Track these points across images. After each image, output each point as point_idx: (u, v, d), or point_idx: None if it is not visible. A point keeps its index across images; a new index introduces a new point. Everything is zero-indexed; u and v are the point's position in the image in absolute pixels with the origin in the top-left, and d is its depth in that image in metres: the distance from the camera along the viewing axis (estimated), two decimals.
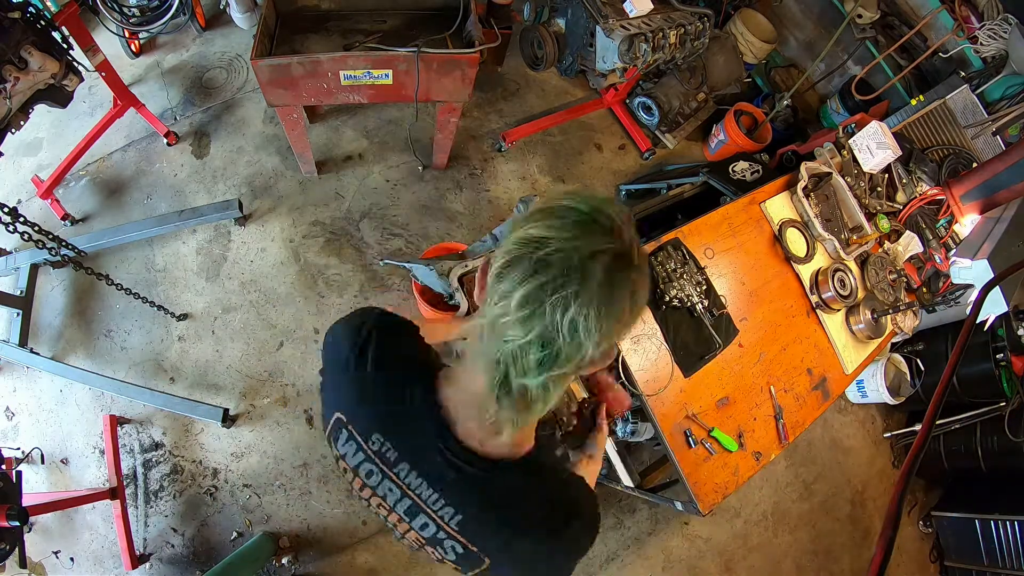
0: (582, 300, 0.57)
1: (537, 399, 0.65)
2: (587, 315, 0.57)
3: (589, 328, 0.58)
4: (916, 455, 0.72)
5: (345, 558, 2.33)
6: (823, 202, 2.12)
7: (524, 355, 0.60)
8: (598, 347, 0.60)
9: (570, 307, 0.57)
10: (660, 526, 2.61)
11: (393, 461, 0.77)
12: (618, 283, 0.59)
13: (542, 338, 0.59)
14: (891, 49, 2.96)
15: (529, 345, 0.59)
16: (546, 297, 0.57)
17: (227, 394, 2.48)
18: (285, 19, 2.29)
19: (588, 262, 0.57)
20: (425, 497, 0.77)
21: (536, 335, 0.58)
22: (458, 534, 0.78)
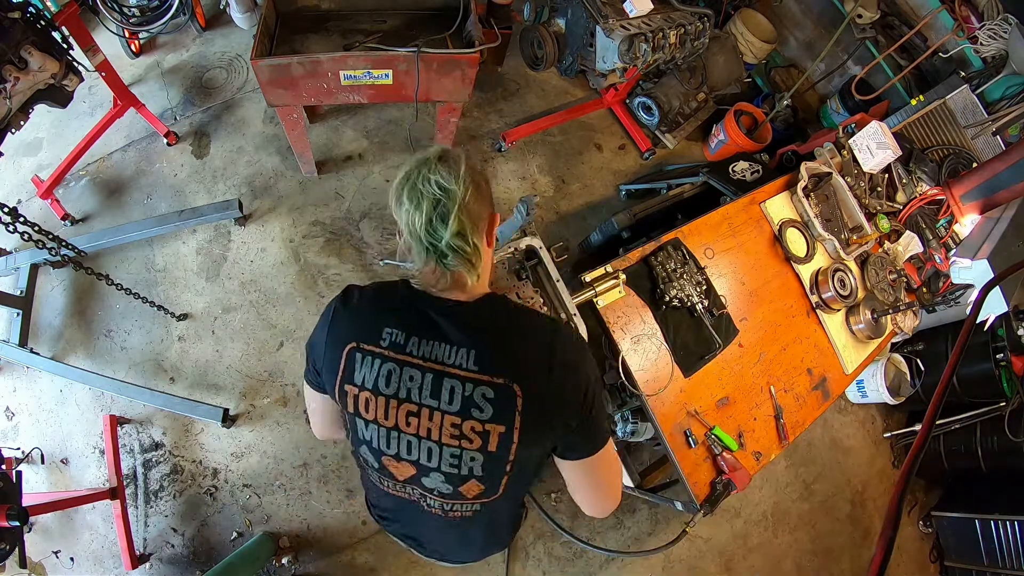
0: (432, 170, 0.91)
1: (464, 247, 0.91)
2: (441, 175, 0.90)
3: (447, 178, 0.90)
4: (916, 455, 0.72)
5: (345, 558, 2.33)
6: (823, 202, 2.12)
7: (430, 223, 0.90)
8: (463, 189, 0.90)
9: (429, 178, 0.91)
10: (660, 526, 2.61)
11: (403, 342, 0.93)
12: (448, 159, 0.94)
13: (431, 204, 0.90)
14: (891, 49, 2.96)
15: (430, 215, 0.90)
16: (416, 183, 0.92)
17: (227, 394, 2.48)
18: (285, 19, 2.29)
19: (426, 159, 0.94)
20: (440, 356, 0.92)
21: (427, 205, 0.90)
22: (480, 372, 0.92)
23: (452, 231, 0.89)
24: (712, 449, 1.67)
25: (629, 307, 1.74)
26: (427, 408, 0.93)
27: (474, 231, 0.92)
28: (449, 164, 0.92)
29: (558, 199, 3.13)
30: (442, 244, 0.90)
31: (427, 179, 0.90)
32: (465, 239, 0.90)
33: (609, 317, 1.70)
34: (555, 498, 2.53)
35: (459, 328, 0.93)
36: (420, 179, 0.91)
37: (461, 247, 0.90)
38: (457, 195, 0.89)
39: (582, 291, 1.63)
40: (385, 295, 1.01)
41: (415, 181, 0.91)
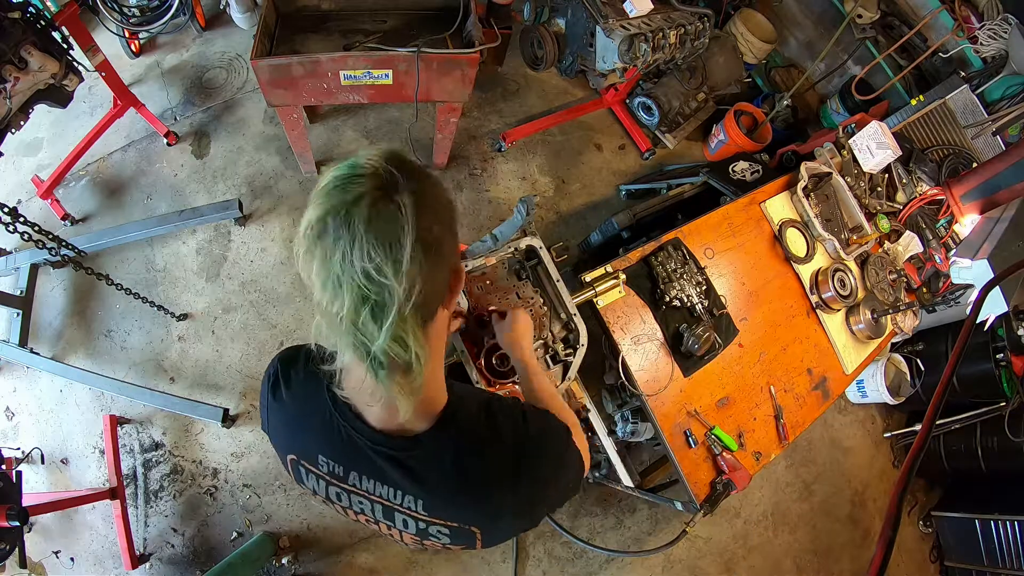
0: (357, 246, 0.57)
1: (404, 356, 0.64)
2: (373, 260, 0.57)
3: (381, 269, 0.57)
4: (916, 455, 0.72)
5: (345, 558, 2.33)
6: (823, 202, 2.12)
7: (359, 321, 0.60)
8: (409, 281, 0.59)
9: (353, 260, 0.57)
10: (660, 526, 2.61)
11: (343, 475, 0.78)
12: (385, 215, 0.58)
13: (356, 300, 0.59)
14: (891, 49, 2.96)
15: (354, 311, 0.59)
16: (332, 265, 0.58)
17: (227, 394, 2.48)
18: (285, 19, 2.29)
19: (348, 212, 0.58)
20: (386, 496, 0.78)
21: (350, 299, 0.59)
22: (432, 518, 0.78)
23: (386, 337, 0.61)
24: (712, 449, 1.67)
25: (629, 307, 1.74)
26: (383, 524, 0.83)
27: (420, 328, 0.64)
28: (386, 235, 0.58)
29: (558, 199, 3.13)
30: (374, 347, 0.62)
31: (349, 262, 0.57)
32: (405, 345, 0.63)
33: (609, 317, 1.70)
34: None
35: (400, 474, 0.75)
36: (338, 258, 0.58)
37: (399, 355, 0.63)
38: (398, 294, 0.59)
39: (582, 291, 1.63)
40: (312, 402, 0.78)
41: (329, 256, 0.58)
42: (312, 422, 0.79)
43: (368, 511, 0.81)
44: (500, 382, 1.43)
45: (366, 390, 0.70)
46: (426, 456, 0.75)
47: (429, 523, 0.79)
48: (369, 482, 0.77)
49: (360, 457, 0.76)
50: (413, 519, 0.79)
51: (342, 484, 0.79)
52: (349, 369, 0.70)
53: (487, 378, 1.42)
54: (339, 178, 0.61)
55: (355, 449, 0.75)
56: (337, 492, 0.81)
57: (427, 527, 0.79)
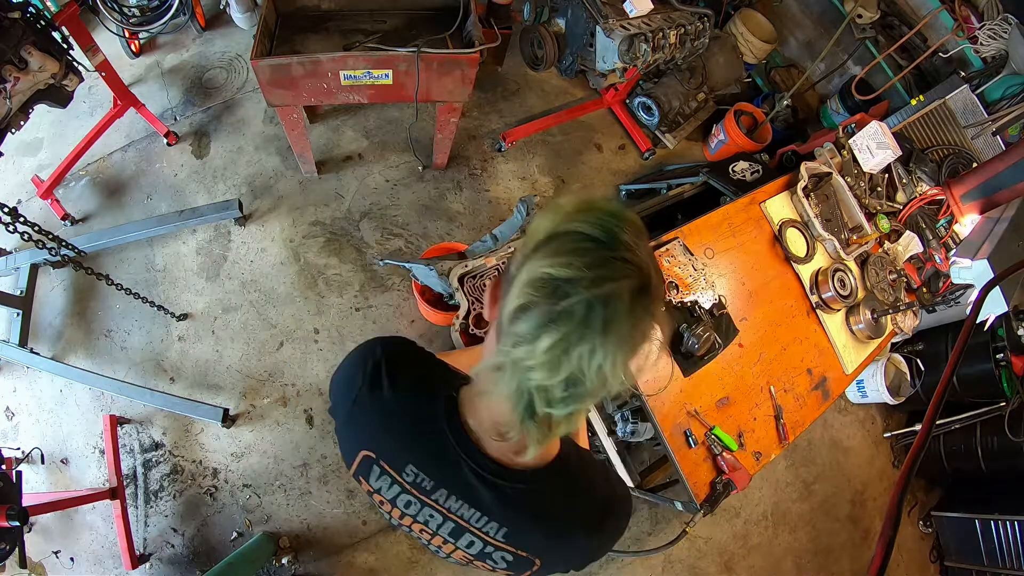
0: (608, 347, 0.56)
1: (561, 424, 0.65)
2: (614, 359, 0.56)
3: (616, 369, 0.57)
4: (916, 455, 0.72)
5: (345, 558, 2.33)
6: (823, 202, 2.12)
7: (550, 391, 0.59)
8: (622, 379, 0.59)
9: (596, 354, 0.56)
10: (660, 526, 2.61)
11: (430, 489, 0.78)
12: (640, 317, 0.58)
13: (568, 381, 0.58)
14: (891, 49, 2.96)
15: (556, 385, 0.58)
16: (571, 347, 0.56)
17: (227, 394, 2.48)
18: (285, 19, 2.28)
19: (610, 306, 0.55)
20: (468, 517, 0.78)
21: (562, 379, 0.57)
22: (506, 545, 0.79)
23: (565, 413, 0.61)
24: (712, 449, 1.67)
25: None
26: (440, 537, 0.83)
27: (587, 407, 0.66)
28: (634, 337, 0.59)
29: (558, 199, 3.13)
30: (539, 410, 0.61)
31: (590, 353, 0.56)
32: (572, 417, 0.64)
33: None
34: None
35: (498, 505, 0.76)
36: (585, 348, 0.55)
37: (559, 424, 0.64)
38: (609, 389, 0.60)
39: None
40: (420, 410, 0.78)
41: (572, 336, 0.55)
42: (412, 430, 0.78)
43: (434, 525, 0.81)
44: None
45: (500, 425, 0.69)
46: (530, 492, 0.76)
47: (498, 549, 0.80)
48: (457, 502, 0.78)
49: (457, 478, 0.76)
50: (483, 542, 0.80)
51: (423, 497, 0.79)
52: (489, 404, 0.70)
53: None
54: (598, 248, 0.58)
55: (455, 470, 0.75)
56: (409, 501, 0.80)
57: (494, 552, 0.81)
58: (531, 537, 0.80)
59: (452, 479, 0.77)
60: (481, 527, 0.78)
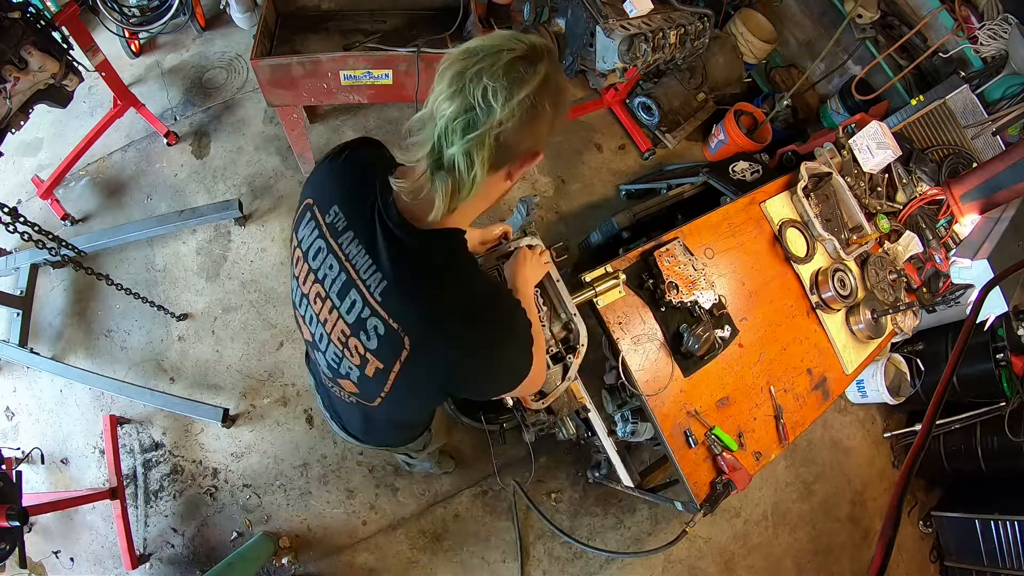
0: (491, 73, 0.73)
1: (463, 173, 0.76)
2: (495, 85, 0.72)
3: (497, 94, 0.72)
4: (916, 455, 0.72)
5: (345, 558, 2.33)
6: (823, 202, 2.12)
7: (451, 125, 0.74)
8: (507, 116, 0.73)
9: (482, 78, 0.72)
10: (660, 526, 2.61)
11: (341, 230, 0.88)
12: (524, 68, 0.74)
13: (463, 107, 0.73)
14: (891, 49, 2.96)
15: (455, 116, 0.74)
16: (466, 72, 0.73)
17: (227, 394, 2.48)
18: (285, 19, 2.29)
19: (501, 52, 0.74)
20: (359, 266, 0.87)
21: (459, 104, 0.73)
22: (381, 306, 0.86)
23: (462, 148, 0.74)
24: (712, 449, 1.67)
25: (629, 307, 1.74)
26: (330, 301, 0.91)
27: (488, 162, 0.76)
28: (514, 78, 0.73)
29: (558, 199, 3.13)
30: (445, 153, 0.76)
31: (478, 78, 0.72)
32: (470, 164, 0.75)
33: (609, 317, 1.70)
34: (555, 498, 2.53)
35: (388, 255, 0.85)
36: (473, 72, 0.73)
37: (460, 170, 0.76)
38: (494, 119, 0.73)
39: (582, 291, 1.63)
40: (360, 171, 0.92)
41: (467, 69, 0.73)
42: (348, 182, 0.92)
43: (328, 281, 0.90)
44: None
45: (415, 187, 0.82)
46: (419, 249, 0.85)
47: (374, 313, 0.86)
48: (357, 247, 0.87)
49: (366, 221, 0.86)
50: (363, 302, 0.87)
51: (332, 239, 0.89)
52: (412, 168, 0.84)
53: None
54: (508, 35, 0.77)
55: (368, 215, 0.86)
56: (319, 248, 0.91)
57: (368, 318, 0.87)
58: (405, 302, 0.85)
59: (362, 222, 0.87)
60: (367, 278, 0.86)
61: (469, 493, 2.48)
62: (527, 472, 2.46)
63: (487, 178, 0.79)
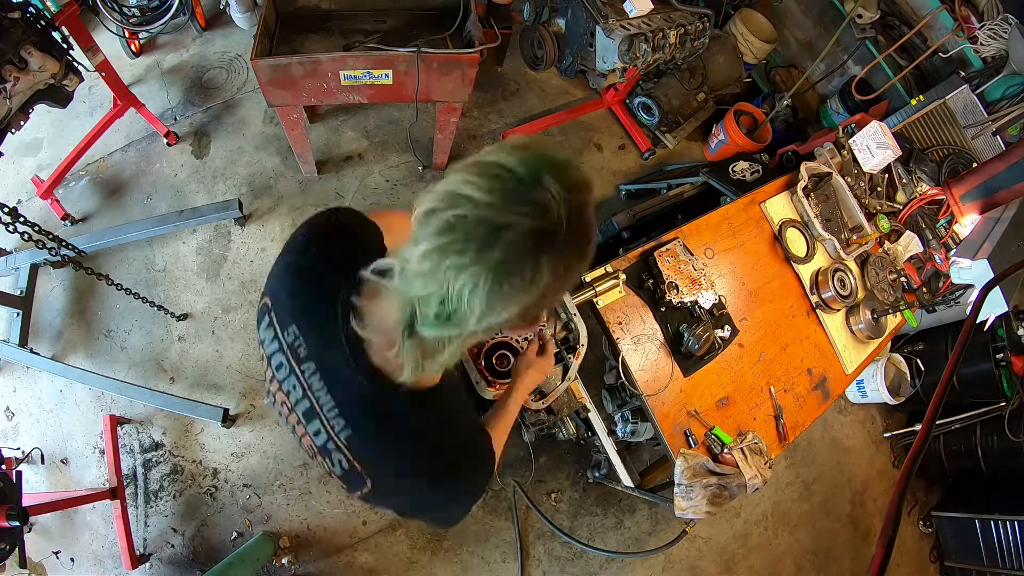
0: (476, 271, 0.55)
1: (437, 351, 0.64)
2: (478, 286, 0.55)
3: (479, 298, 0.56)
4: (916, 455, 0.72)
5: (345, 558, 2.33)
6: (823, 202, 2.12)
7: (423, 306, 0.60)
8: (490, 318, 0.58)
9: (464, 272, 0.55)
10: (660, 526, 2.61)
11: (303, 357, 0.77)
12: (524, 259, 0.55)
13: (438, 297, 0.58)
14: (891, 49, 2.96)
15: (427, 299, 0.59)
16: (444, 260, 0.55)
17: (227, 394, 2.48)
18: (285, 19, 2.28)
19: (494, 234, 0.54)
20: (323, 403, 0.77)
21: (431, 293, 0.58)
22: (345, 448, 0.78)
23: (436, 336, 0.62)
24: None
25: (629, 307, 1.74)
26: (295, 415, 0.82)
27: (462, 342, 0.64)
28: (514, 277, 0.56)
29: None
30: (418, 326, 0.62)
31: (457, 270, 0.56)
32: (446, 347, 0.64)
33: (609, 317, 1.70)
34: (555, 498, 2.53)
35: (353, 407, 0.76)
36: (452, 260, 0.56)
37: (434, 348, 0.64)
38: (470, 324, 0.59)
39: (582, 291, 1.63)
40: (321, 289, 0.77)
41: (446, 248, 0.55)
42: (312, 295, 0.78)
43: (294, 399, 0.80)
44: (499, 381, 1.43)
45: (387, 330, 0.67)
46: (390, 412, 0.75)
47: (339, 450, 0.79)
48: (319, 382, 0.76)
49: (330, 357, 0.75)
50: (327, 435, 0.79)
51: (294, 363, 0.78)
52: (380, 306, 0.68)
53: (486, 378, 1.42)
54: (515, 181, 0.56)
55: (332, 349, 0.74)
56: (281, 362, 0.80)
57: (333, 451, 0.79)
58: (370, 452, 0.78)
59: (324, 357, 0.76)
60: (330, 419, 0.77)
61: None
62: (527, 472, 2.46)
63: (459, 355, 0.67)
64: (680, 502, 1.56)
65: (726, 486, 1.54)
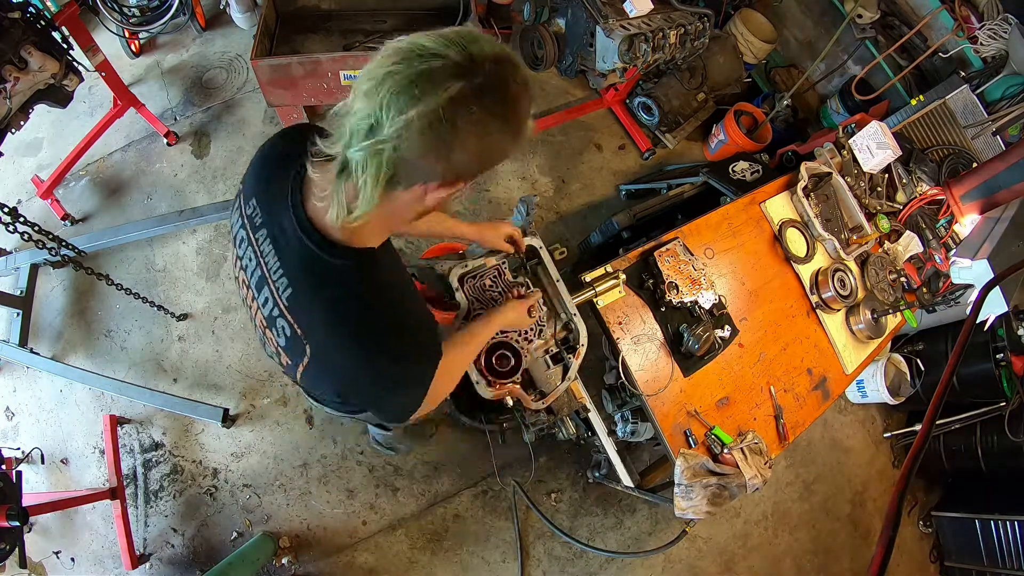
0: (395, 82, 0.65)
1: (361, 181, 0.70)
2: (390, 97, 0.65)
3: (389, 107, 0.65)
4: (916, 455, 0.72)
5: (345, 558, 2.33)
6: (823, 202, 2.12)
7: (357, 125, 0.68)
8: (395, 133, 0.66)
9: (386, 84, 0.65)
10: (660, 526, 2.61)
11: (258, 225, 0.86)
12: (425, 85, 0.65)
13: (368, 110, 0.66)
14: (891, 49, 2.96)
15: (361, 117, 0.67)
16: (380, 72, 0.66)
17: (227, 394, 2.48)
18: (285, 19, 2.29)
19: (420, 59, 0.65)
20: (271, 266, 0.85)
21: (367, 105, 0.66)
22: (287, 310, 0.85)
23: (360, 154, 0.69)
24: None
25: (629, 307, 1.74)
26: (251, 292, 0.91)
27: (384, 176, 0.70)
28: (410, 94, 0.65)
29: (558, 199, 3.13)
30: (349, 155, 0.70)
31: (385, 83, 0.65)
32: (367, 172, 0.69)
33: (609, 317, 1.70)
34: (555, 498, 2.53)
35: (294, 263, 0.83)
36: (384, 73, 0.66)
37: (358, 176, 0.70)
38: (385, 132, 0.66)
39: (582, 291, 1.63)
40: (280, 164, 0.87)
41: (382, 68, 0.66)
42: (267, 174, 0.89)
43: (248, 271, 0.89)
44: (500, 382, 1.43)
45: (323, 185, 0.78)
46: (326, 268, 0.81)
47: (282, 314, 0.85)
48: (269, 247, 0.85)
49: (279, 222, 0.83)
50: (274, 301, 0.86)
51: (251, 232, 0.87)
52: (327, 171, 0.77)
53: (486, 377, 1.42)
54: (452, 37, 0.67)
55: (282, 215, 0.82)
56: (242, 237, 0.89)
57: (278, 318, 0.86)
58: (308, 312, 0.83)
59: (275, 222, 0.84)
60: (276, 279, 0.84)
61: (469, 493, 2.47)
62: (527, 472, 2.46)
63: (389, 192, 0.72)
64: (680, 502, 1.56)
65: (726, 486, 1.54)
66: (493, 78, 0.67)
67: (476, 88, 0.66)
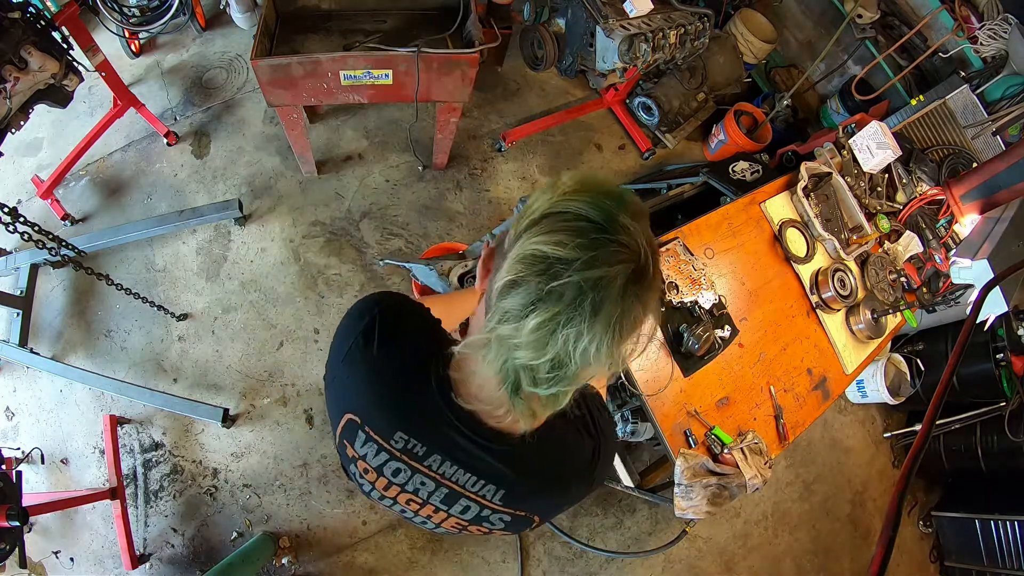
0: (595, 331, 0.55)
1: (549, 404, 0.65)
2: (600, 344, 0.56)
3: (600, 355, 0.57)
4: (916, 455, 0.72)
5: (345, 558, 2.33)
6: (823, 202, 2.12)
7: (535, 371, 0.59)
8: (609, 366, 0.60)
9: (583, 337, 0.55)
10: (660, 526, 2.61)
11: (422, 455, 0.76)
12: (631, 304, 0.57)
13: (553, 361, 0.57)
14: (891, 49, 2.96)
15: (541, 365, 0.58)
16: (558, 328, 0.55)
17: (227, 394, 2.48)
18: (285, 19, 2.28)
19: (601, 290, 0.55)
20: (463, 483, 0.77)
21: (548, 359, 0.57)
22: (505, 507, 0.80)
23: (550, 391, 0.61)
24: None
25: None
26: (431, 506, 0.82)
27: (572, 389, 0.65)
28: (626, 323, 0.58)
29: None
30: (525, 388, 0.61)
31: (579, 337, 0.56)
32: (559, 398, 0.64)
33: None
34: None
35: (495, 468, 0.76)
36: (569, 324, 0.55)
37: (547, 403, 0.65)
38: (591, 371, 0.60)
39: None
40: (411, 378, 0.75)
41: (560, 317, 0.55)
42: (402, 396, 0.76)
43: (425, 493, 0.80)
44: None
45: (491, 401, 0.70)
46: (526, 454, 0.75)
47: (496, 511, 0.80)
48: (452, 467, 0.76)
49: (451, 443, 0.74)
50: (480, 506, 0.80)
51: (414, 463, 0.77)
52: (478, 382, 0.70)
53: None
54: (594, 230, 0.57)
55: (448, 436, 0.74)
56: (398, 468, 0.78)
57: (491, 515, 0.81)
58: (528, 496, 0.81)
59: (445, 445, 0.75)
60: (478, 491, 0.78)
61: None
62: None
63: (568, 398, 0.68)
64: (680, 502, 1.56)
65: (726, 486, 1.54)
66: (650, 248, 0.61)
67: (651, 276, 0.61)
